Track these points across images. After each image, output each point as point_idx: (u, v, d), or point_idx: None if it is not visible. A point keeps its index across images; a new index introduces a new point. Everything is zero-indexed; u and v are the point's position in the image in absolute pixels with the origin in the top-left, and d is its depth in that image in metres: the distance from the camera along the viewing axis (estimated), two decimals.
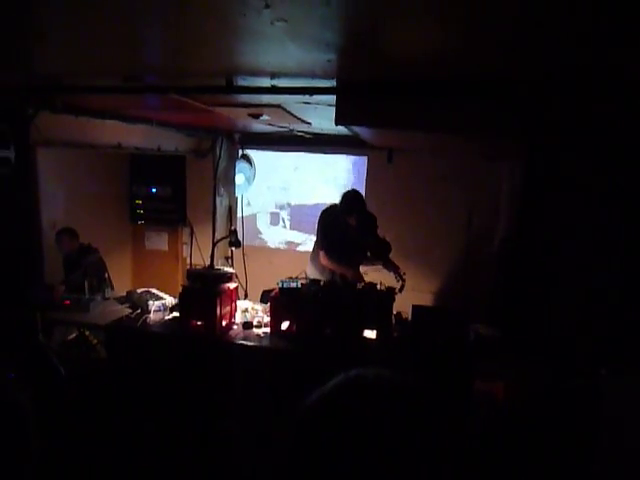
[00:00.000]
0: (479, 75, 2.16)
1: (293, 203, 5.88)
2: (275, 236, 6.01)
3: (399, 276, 3.67)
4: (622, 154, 2.37)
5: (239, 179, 5.49)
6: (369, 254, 3.94)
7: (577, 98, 2.33)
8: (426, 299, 4.39)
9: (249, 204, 5.95)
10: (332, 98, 2.51)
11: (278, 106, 2.95)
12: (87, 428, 3.18)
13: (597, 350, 2.62)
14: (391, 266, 3.78)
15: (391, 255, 3.93)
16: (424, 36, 1.65)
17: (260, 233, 6.02)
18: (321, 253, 3.93)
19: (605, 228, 2.42)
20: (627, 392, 2.39)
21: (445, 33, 1.58)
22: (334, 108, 2.54)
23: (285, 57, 1.91)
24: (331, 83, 2.32)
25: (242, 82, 2.37)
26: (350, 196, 3.74)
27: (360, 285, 3.57)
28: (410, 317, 3.47)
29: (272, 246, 5.98)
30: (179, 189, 5.59)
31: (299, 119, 3.51)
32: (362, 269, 4.10)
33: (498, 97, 2.30)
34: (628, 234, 2.40)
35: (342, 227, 3.80)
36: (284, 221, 6.00)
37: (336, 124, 2.49)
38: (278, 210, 6.00)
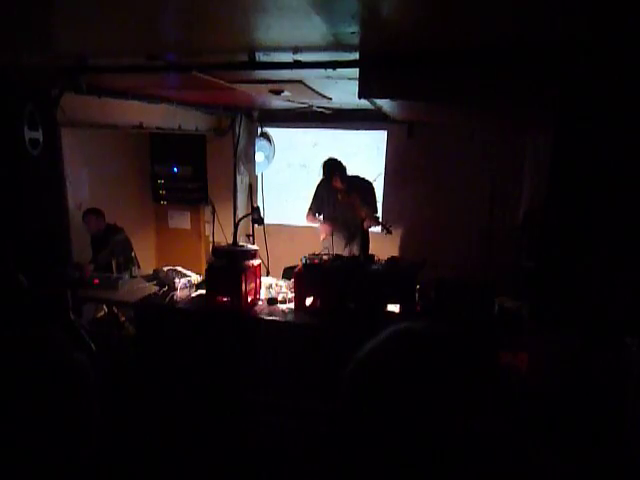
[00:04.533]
0: (507, 42, 2.12)
1: None
2: None
3: (385, 228, 4.18)
4: None
5: (259, 157, 5.50)
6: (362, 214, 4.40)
7: (607, 62, 2.26)
8: (449, 273, 4.38)
9: None
10: (354, 72, 2.48)
11: (299, 81, 2.93)
12: (117, 402, 3.29)
13: (624, 320, 2.61)
14: (377, 222, 4.29)
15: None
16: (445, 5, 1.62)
17: None
18: (307, 214, 4.64)
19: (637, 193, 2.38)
20: None
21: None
22: (356, 82, 2.51)
23: (309, 30, 1.90)
24: (354, 56, 2.29)
25: (264, 58, 2.36)
26: (328, 162, 4.36)
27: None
28: (434, 291, 3.48)
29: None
30: (200, 168, 5.62)
31: (320, 94, 3.49)
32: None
33: (526, 65, 2.25)
34: None
35: (333, 192, 4.38)
36: None
37: (359, 97, 2.46)
38: None
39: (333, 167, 4.30)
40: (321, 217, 4.65)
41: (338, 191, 4.33)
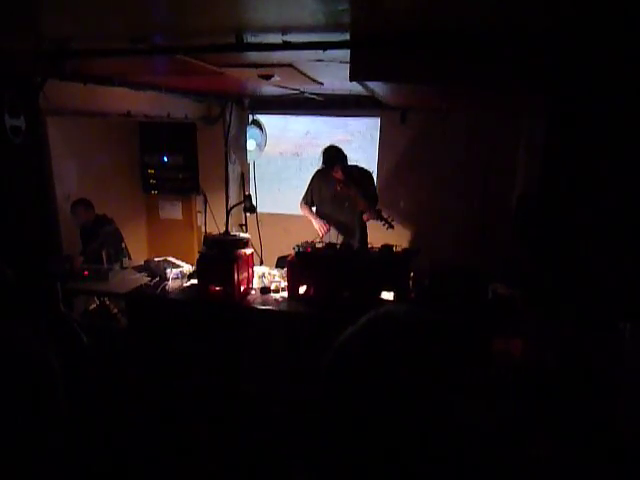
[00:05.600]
0: (503, 25, 2.06)
1: None
2: None
3: (387, 223, 3.97)
4: None
5: (250, 145, 5.42)
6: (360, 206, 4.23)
7: (604, 47, 2.22)
8: (442, 260, 4.35)
9: None
10: (345, 55, 2.42)
11: (289, 65, 2.87)
12: (110, 394, 3.26)
13: (618, 303, 2.59)
14: (378, 215, 4.02)
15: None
16: None
17: None
18: (301, 203, 4.43)
19: (630, 178, 2.35)
20: None
21: None
22: (347, 65, 2.46)
23: (298, 8, 1.84)
24: (345, 37, 2.23)
25: (252, 39, 2.29)
26: (330, 151, 4.10)
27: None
28: (427, 278, 3.46)
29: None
30: (191, 157, 5.54)
31: (311, 79, 3.42)
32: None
33: (519, 49, 2.21)
34: None
35: (331, 183, 4.16)
36: None
37: (351, 80, 2.40)
38: None
39: (335, 157, 4.06)
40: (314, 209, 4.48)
41: (337, 182, 4.13)
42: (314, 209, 4.46)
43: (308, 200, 4.43)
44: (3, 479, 0.63)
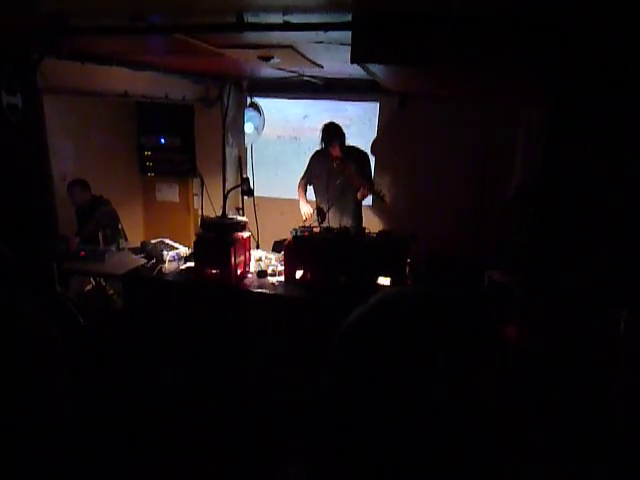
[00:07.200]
0: (508, 8, 2.04)
1: None
2: None
3: (380, 197, 4.25)
4: None
5: (248, 128, 5.37)
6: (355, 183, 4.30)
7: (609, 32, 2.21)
8: (439, 246, 4.38)
9: None
10: (347, 37, 2.39)
11: (289, 47, 2.83)
12: (105, 375, 3.28)
13: (615, 291, 2.61)
14: (373, 191, 4.23)
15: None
16: None
17: None
18: (298, 183, 4.50)
19: (631, 167, 2.35)
20: None
21: None
22: (348, 48, 2.43)
23: None
24: (347, 18, 2.21)
25: (253, 19, 2.26)
26: (329, 127, 4.09)
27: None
28: (424, 265, 3.47)
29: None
30: (188, 140, 5.50)
31: (311, 61, 3.39)
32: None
33: (527, 33, 2.19)
34: None
35: (329, 161, 4.17)
36: None
37: (352, 62, 2.38)
38: None
39: (334, 133, 4.04)
40: (310, 188, 4.49)
41: (334, 159, 4.11)
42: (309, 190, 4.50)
43: (305, 180, 4.48)
44: (4, 449, 0.63)
